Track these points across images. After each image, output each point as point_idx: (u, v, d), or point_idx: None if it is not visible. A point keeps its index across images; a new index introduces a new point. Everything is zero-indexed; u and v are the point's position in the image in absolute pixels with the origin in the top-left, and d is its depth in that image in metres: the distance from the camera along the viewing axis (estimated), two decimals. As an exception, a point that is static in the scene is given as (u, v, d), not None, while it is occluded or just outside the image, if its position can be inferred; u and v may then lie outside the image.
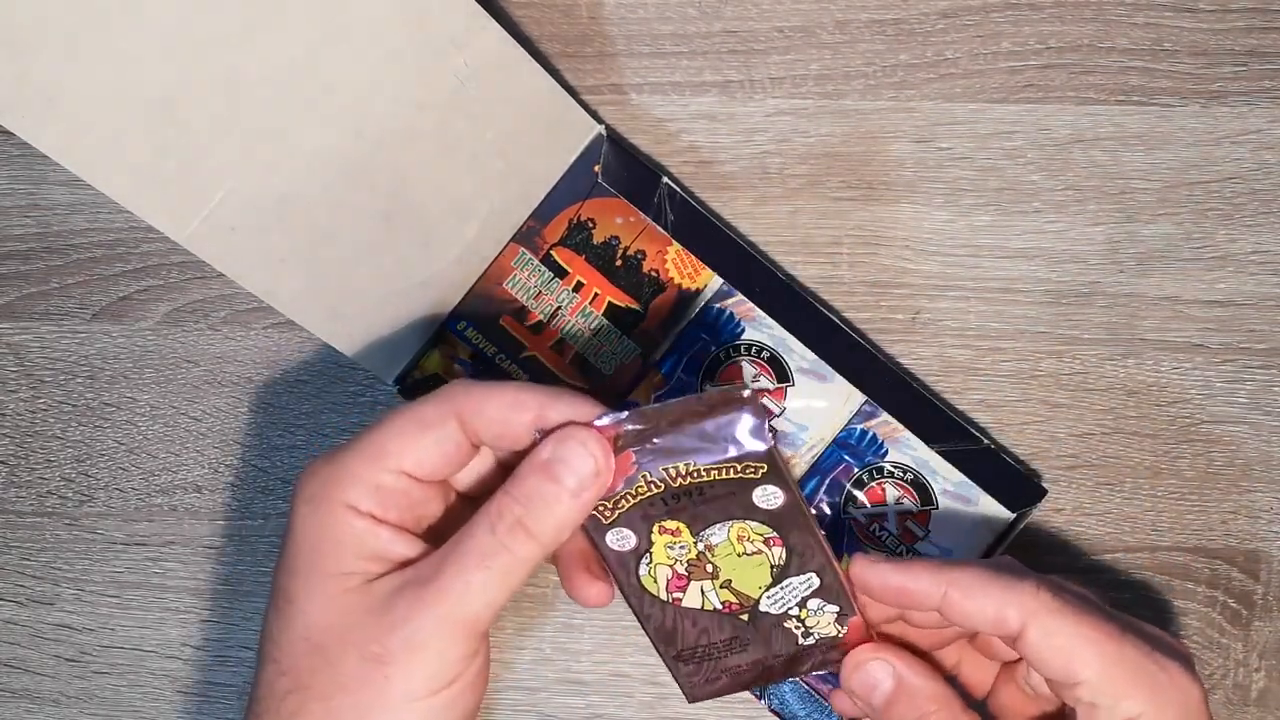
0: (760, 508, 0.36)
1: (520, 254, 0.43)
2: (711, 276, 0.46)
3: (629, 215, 0.43)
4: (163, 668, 0.49)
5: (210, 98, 0.37)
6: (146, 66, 0.36)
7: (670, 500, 0.36)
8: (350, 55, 0.40)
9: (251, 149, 0.39)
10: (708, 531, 0.36)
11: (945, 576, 0.36)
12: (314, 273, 0.42)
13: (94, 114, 0.35)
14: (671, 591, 0.38)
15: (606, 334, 0.44)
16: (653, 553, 0.37)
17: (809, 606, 0.38)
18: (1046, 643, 0.34)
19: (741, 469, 0.35)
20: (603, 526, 0.36)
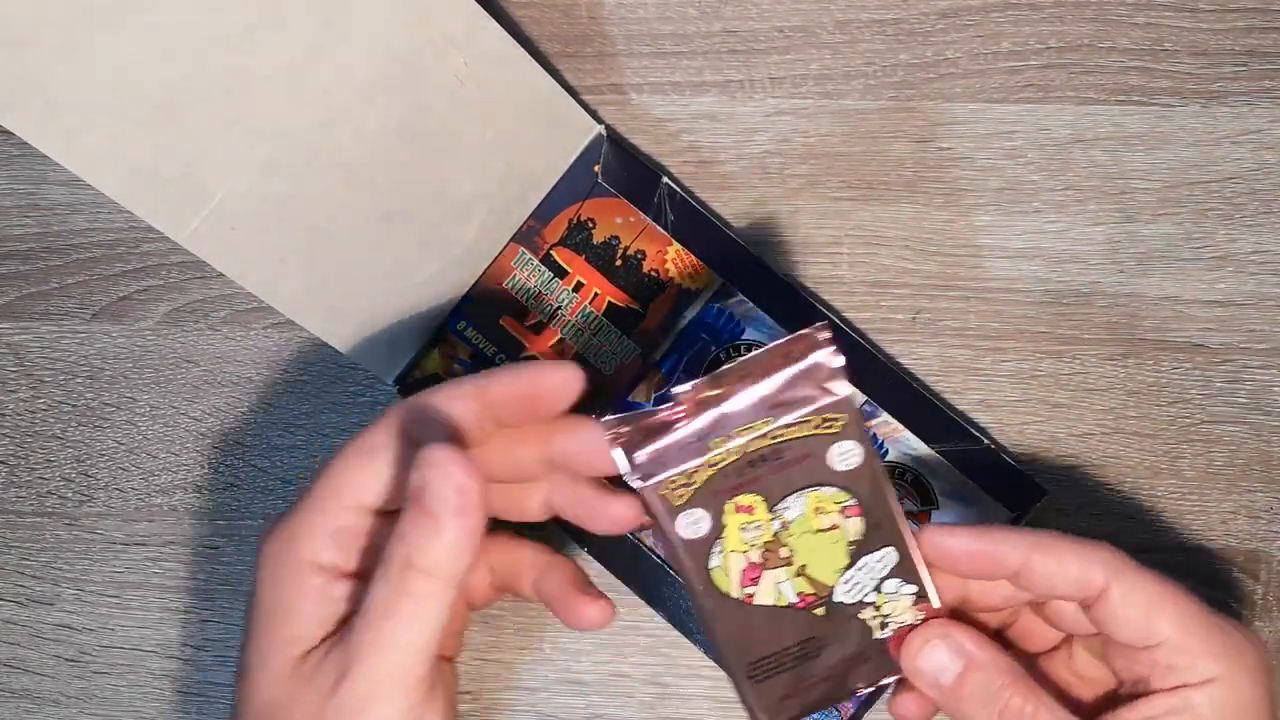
0: (837, 470, 0.35)
1: (520, 254, 0.43)
2: (712, 276, 0.46)
3: (629, 215, 0.43)
4: (163, 668, 0.49)
5: (210, 98, 0.37)
6: (146, 66, 0.36)
7: (746, 469, 0.35)
8: (350, 55, 0.40)
9: (251, 149, 0.39)
10: (783, 505, 0.36)
11: (1027, 540, 0.35)
12: (314, 272, 0.42)
13: (94, 114, 0.35)
14: (744, 586, 0.36)
15: (606, 333, 0.44)
16: (725, 539, 0.36)
17: (885, 590, 0.37)
18: (1128, 599, 0.34)
19: (820, 424, 0.34)
20: (674, 509, 0.35)
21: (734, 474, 0.35)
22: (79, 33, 0.34)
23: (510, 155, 0.45)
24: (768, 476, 0.35)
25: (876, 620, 0.38)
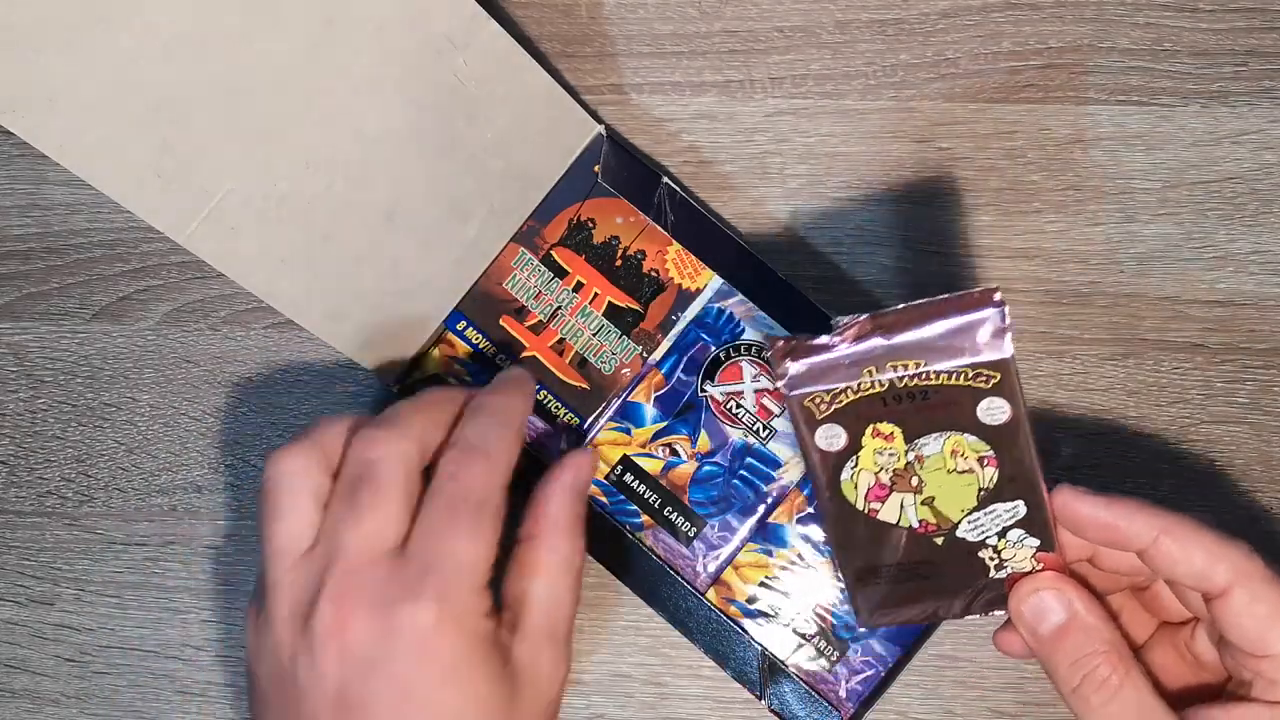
0: (983, 422, 0.36)
1: (520, 254, 0.43)
2: (712, 276, 0.46)
3: (629, 215, 0.44)
4: (163, 668, 0.49)
5: (210, 98, 0.37)
6: (147, 67, 0.36)
7: (891, 401, 0.36)
8: (349, 55, 0.40)
9: (251, 149, 0.39)
10: (922, 441, 0.37)
11: (1160, 521, 0.35)
12: (314, 272, 0.43)
13: (94, 114, 0.35)
14: (870, 501, 0.38)
15: (606, 333, 0.44)
16: (860, 457, 0.37)
17: (1009, 537, 0.38)
18: (1249, 608, 0.34)
19: (973, 376, 0.35)
20: (815, 421, 0.37)
21: (879, 404, 0.36)
22: (79, 33, 0.34)
23: (510, 155, 0.45)
24: (911, 413, 0.36)
25: (994, 562, 0.38)
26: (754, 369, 0.46)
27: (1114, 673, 0.35)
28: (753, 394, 0.46)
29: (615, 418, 0.46)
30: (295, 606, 0.36)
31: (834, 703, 0.45)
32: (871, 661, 0.45)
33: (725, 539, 0.46)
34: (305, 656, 0.35)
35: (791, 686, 0.45)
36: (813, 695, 0.45)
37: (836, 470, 0.37)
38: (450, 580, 0.35)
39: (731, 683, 0.46)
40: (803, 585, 0.46)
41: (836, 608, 0.46)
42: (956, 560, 0.38)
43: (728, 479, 0.46)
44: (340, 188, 0.42)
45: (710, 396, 0.46)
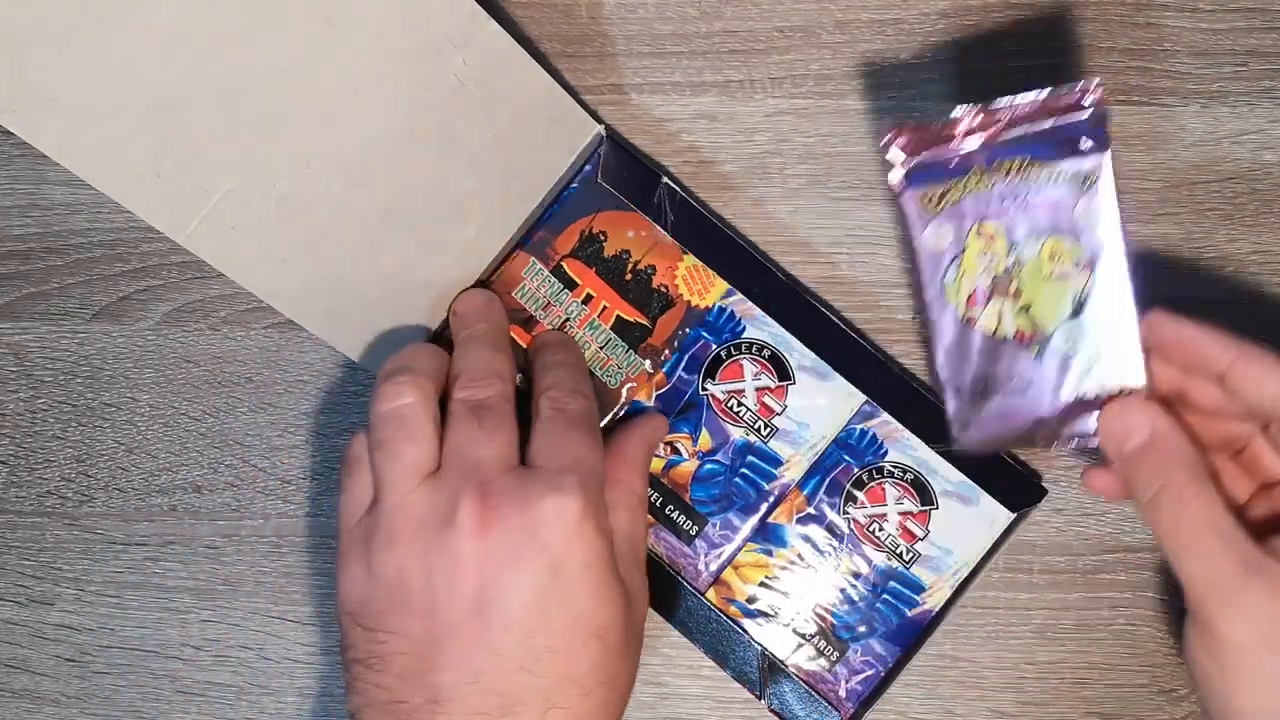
0: (1080, 225, 0.37)
1: (531, 264, 0.43)
2: (723, 290, 0.45)
3: (640, 229, 0.44)
4: (163, 668, 0.49)
5: (209, 97, 0.37)
6: (146, 66, 0.36)
7: (996, 200, 0.38)
8: (349, 55, 0.40)
9: (251, 149, 0.39)
10: (1022, 242, 0.38)
11: (1237, 344, 0.37)
12: (314, 272, 0.43)
13: (93, 114, 0.35)
14: (970, 307, 0.39)
15: (613, 347, 0.44)
16: (963, 258, 0.39)
17: (1101, 351, 0.39)
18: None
19: (1075, 177, 0.37)
20: (925, 217, 0.39)
21: (984, 201, 0.38)
22: (79, 32, 0.34)
23: (510, 155, 0.45)
24: (1015, 213, 0.38)
25: (1083, 374, 0.39)
26: (755, 367, 0.46)
27: (1188, 486, 0.36)
28: (754, 392, 0.46)
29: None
30: (427, 521, 0.38)
31: (834, 703, 0.45)
32: (871, 661, 0.45)
33: (727, 537, 0.46)
34: (443, 563, 0.37)
35: (791, 686, 0.45)
36: (812, 695, 0.45)
37: (942, 270, 0.39)
38: (586, 479, 0.39)
39: (731, 683, 0.46)
40: (802, 585, 0.46)
41: (836, 608, 0.46)
42: (1048, 374, 0.39)
43: (729, 477, 0.46)
44: (340, 188, 0.42)
45: (711, 395, 0.46)
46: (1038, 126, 0.38)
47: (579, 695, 0.37)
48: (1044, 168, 0.38)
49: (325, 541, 0.48)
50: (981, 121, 0.38)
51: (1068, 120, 0.37)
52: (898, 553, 0.45)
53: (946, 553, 0.45)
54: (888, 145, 0.40)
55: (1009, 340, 0.39)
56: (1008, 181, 0.38)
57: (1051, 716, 0.47)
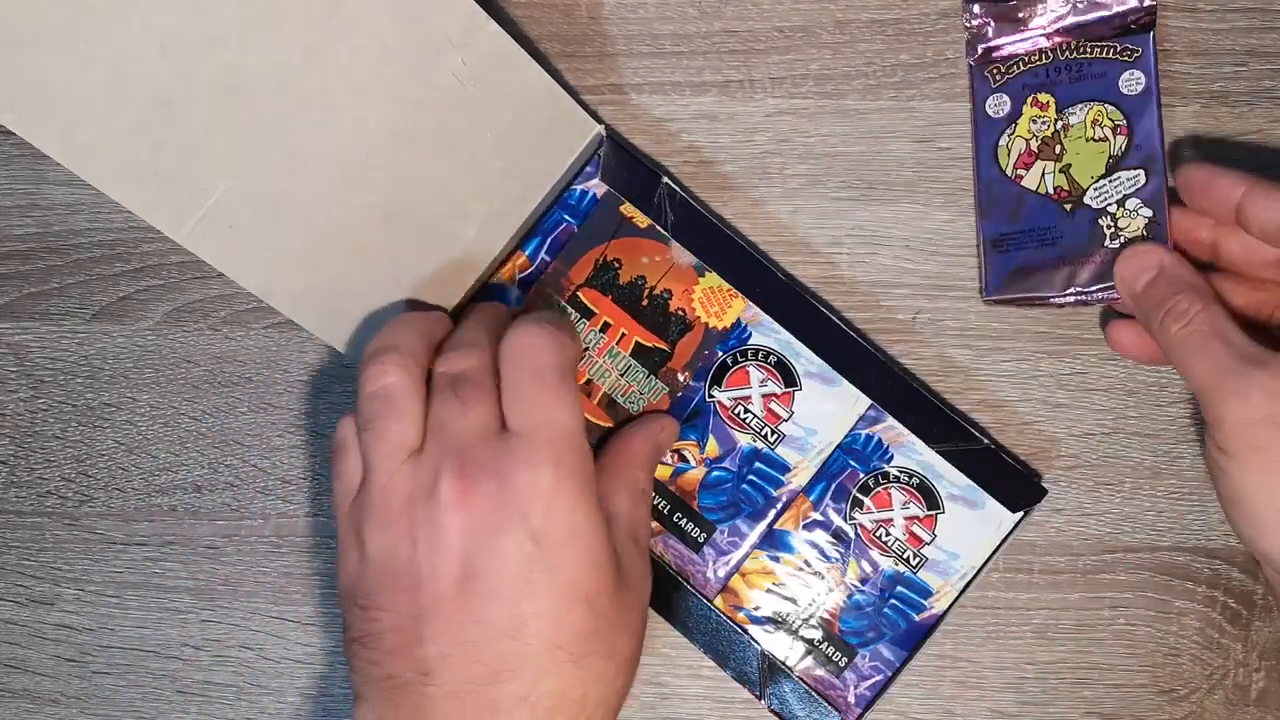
0: (1122, 92, 0.44)
1: (547, 296, 0.42)
2: (741, 308, 0.44)
3: (654, 254, 0.43)
4: (163, 668, 0.49)
5: (208, 96, 0.37)
6: (144, 64, 0.36)
7: (1051, 73, 0.45)
8: (348, 54, 0.40)
9: (249, 148, 0.39)
10: (1070, 110, 0.44)
11: (1249, 179, 0.40)
12: (313, 272, 0.43)
13: (92, 112, 0.35)
14: (1017, 168, 0.45)
15: (634, 373, 0.44)
16: (1017, 124, 0.45)
17: (1127, 206, 0.44)
18: None
19: (1120, 50, 0.44)
20: (988, 89, 0.46)
21: (1041, 74, 0.45)
22: (77, 31, 0.34)
23: (510, 155, 0.45)
24: (1065, 84, 0.45)
25: (1110, 230, 0.44)
26: (761, 374, 0.46)
27: (1193, 303, 0.40)
28: (760, 399, 0.46)
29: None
30: (413, 495, 0.38)
31: (841, 708, 0.45)
32: (880, 666, 0.45)
33: (735, 544, 0.46)
34: (427, 537, 0.37)
35: (791, 686, 0.45)
36: (812, 695, 0.45)
37: (996, 136, 0.45)
38: (560, 443, 0.39)
39: (731, 683, 0.46)
40: (809, 591, 0.46)
41: (844, 613, 0.46)
42: (1079, 228, 0.44)
43: (736, 484, 0.46)
44: (339, 187, 0.42)
45: (718, 402, 0.46)
46: (1095, 12, 0.45)
47: (570, 663, 0.38)
48: (1097, 45, 0.45)
49: (325, 541, 0.48)
50: (1046, 7, 0.45)
51: (1120, 6, 0.45)
52: (904, 557, 0.45)
53: (953, 556, 0.45)
54: (971, 23, 0.46)
55: (1047, 194, 0.44)
56: (1063, 56, 0.44)
57: (1051, 716, 0.46)
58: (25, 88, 0.34)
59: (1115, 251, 0.44)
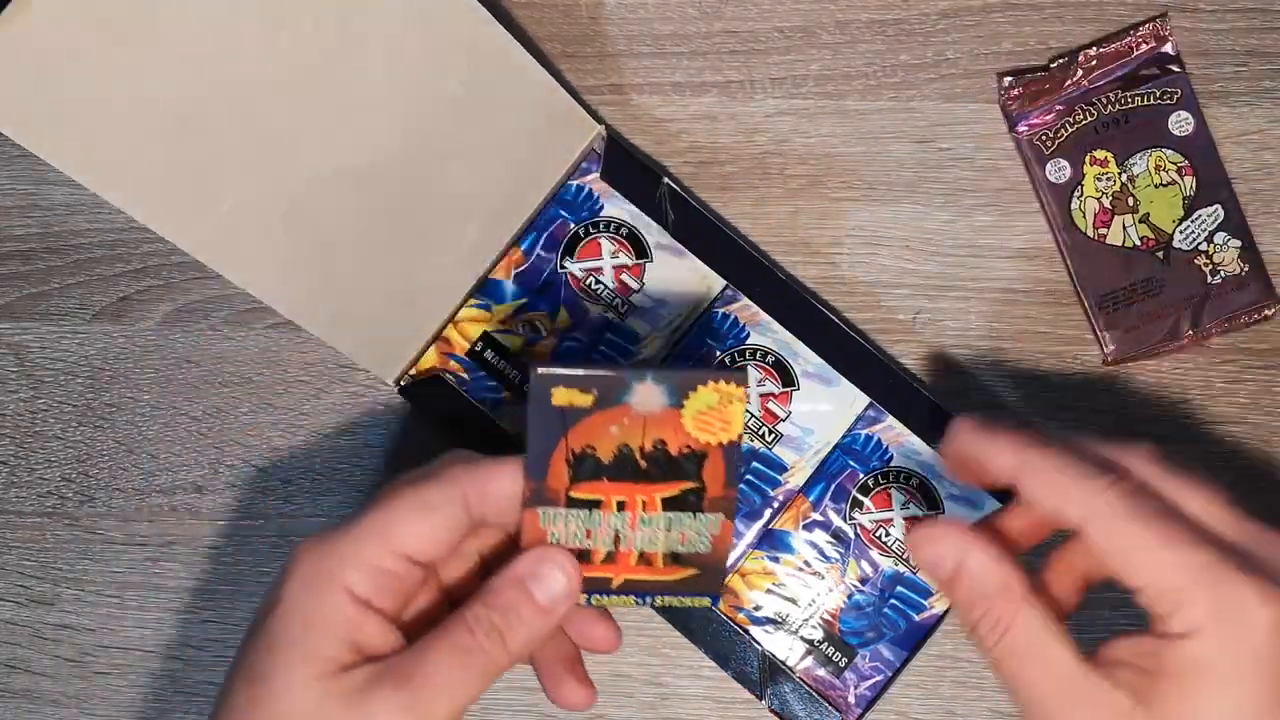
0: (1174, 134, 0.46)
1: (542, 514, 0.37)
2: (742, 413, 0.37)
3: (620, 419, 0.36)
4: (163, 668, 0.49)
5: (219, 108, 0.37)
6: (156, 78, 0.35)
7: (1100, 129, 0.46)
8: (360, 64, 0.40)
9: (260, 157, 0.39)
10: (1130, 161, 0.46)
11: (1024, 456, 0.35)
12: (316, 275, 0.42)
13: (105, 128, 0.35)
14: (1098, 228, 0.46)
15: (679, 524, 0.38)
16: (1083, 185, 0.46)
17: (1216, 241, 0.45)
18: (1107, 544, 0.33)
19: (1162, 95, 0.45)
20: (1044, 157, 0.46)
21: (1090, 132, 0.46)
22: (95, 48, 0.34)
23: (510, 155, 0.45)
24: (1118, 137, 0.46)
25: (1209, 267, 0.45)
26: (759, 373, 0.46)
27: (1004, 614, 0.35)
28: (758, 399, 0.46)
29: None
30: None
31: (842, 708, 0.45)
32: (880, 666, 0.45)
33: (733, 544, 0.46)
34: None
35: (792, 686, 0.45)
36: (812, 696, 0.45)
37: (1067, 201, 0.46)
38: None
39: (731, 683, 0.46)
40: (809, 592, 0.46)
41: (844, 613, 0.46)
42: (1178, 272, 0.46)
43: None
44: (348, 193, 0.42)
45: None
46: (1122, 62, 0.46)
47: None
48: (1136, 94, 0.46)
49: (325, 541, 0.48)
50: (1077, 67, 0.46)
51: (1150, 49, 0.46)
52: (905, 557, 0.45)
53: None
54: (1003, 100, 0.47)
55: (1136, 249, 0.45)
56: (1108, 110, 0.45)
57: (1052, 717, 0.46)
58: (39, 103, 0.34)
59: (1220, 286, 0.46)
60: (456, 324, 0.47)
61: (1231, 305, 0.46)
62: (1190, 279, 0.46)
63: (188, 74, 0.36)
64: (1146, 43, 0.47)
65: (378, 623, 0.35)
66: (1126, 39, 0.47)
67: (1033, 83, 0.47)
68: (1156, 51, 0.47)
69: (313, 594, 0.35)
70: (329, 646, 0.34)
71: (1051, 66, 0.47)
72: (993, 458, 0.35)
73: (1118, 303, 0.46)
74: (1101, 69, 0.47)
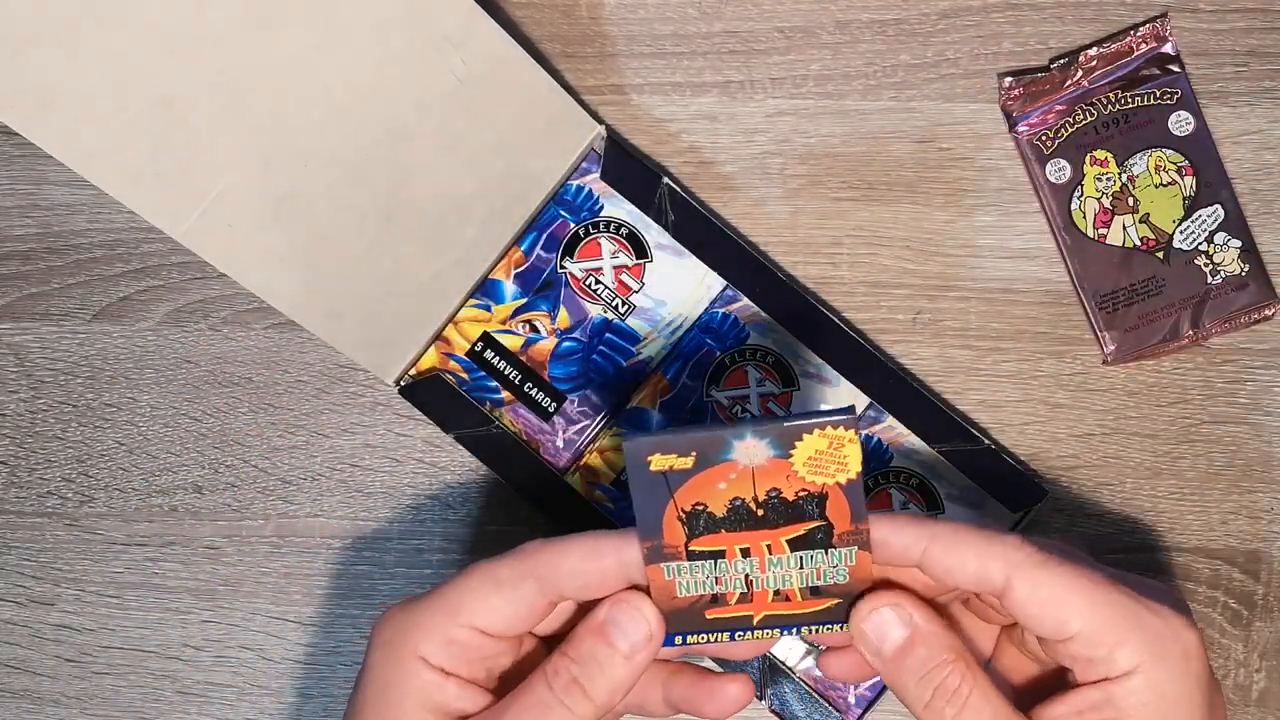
0: (1174, 134, 0.46)
1: (663, 569, 0.36)
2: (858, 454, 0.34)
3: (729, 473, 0.34)
4: (163, 668, 0.49)
5: (208, 95, 0.37)
6: (144, 63, 0.36)
7: (1100, 129, 0.46)
8: (349, 53, 0.40)
9: (249, 147, 0.39)
10: (1130, 161, 0.45)
11: (927, 530, 0.34)
12: (313, 271, 0.43)
13: (91, 110, 0.35)
14: (1098, 228, 0.46)
15: (811, 560, 0.36)
16: (1083, 185, 0.46)
17: (1216, 241, 0.45)
18: (1034, 596, 0.33)
19: (1161, 95, 0.45)
20: (1044, 157, 0.46)
21: (1091, 132, 0.46)
22: (78, 29, 0.34)
23: (510, 155, 0.45)
24: (1118, 137, 0.46)
25: (1208, 267, 0.45)
26: (759, 374, 0.46)
27: (964, 682, 0.34)
28: (758, 399, 0.46)
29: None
30: None
31: (842, 708, 0.45)
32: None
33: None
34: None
35: (792, 686, 0.45)
36: (812, 696, 0.45)
37: (1067, 201, 0.46)
38: None
39: (731, 683, 0.46)
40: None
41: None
42: (1178, 271, 0.46)
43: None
44: (340, 187, 0.42)
45: (716, 401, 0.46)
46: (1122, 62, 0.46)
47: None
48: (1136, 94, 0.46)
49: (325, 542, 0.48)
50: (1077, 68, 0.46)
51: (1147, 52, 0.46)
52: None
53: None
54: (1002, 101, 0.47)
55: (1137, 249, 0.45)
56: (1108, 111, 0.45)
57: (1052, 717, 0.46)
58: (25, 85, 0.34)
59: (1220, 287, 0.46)
60: (456, 324, 0.47)
61: (1231, 305, 0.46)
62: (1190, 279, 0.46)
63: (172, 57, 0.36)
64: (1146, 43, 0.47)
65: (458, 686, 0.36)
66: (1126, 39, 0.47)
67: (1033, 83, 0.47)
68: (1156, 51, 0.47)
69: (391, 662, 0.36)
70: (408, 709, 0.35)
71: (1051, 66, 0.47)
72: (899, 535, 0.34)
73: (1118, 303, 0.46)
74: (1102, 69, 0.47)
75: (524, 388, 0.47)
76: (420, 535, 0.48)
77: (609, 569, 0.35)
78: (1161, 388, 0.47)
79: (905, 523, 0.34)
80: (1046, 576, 0.33)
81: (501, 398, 0.47)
